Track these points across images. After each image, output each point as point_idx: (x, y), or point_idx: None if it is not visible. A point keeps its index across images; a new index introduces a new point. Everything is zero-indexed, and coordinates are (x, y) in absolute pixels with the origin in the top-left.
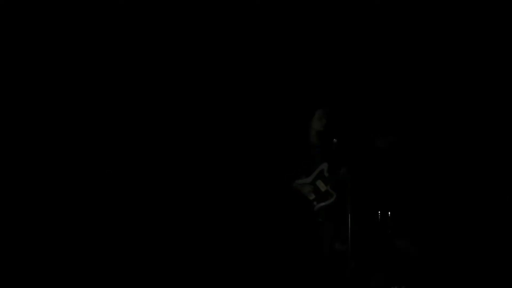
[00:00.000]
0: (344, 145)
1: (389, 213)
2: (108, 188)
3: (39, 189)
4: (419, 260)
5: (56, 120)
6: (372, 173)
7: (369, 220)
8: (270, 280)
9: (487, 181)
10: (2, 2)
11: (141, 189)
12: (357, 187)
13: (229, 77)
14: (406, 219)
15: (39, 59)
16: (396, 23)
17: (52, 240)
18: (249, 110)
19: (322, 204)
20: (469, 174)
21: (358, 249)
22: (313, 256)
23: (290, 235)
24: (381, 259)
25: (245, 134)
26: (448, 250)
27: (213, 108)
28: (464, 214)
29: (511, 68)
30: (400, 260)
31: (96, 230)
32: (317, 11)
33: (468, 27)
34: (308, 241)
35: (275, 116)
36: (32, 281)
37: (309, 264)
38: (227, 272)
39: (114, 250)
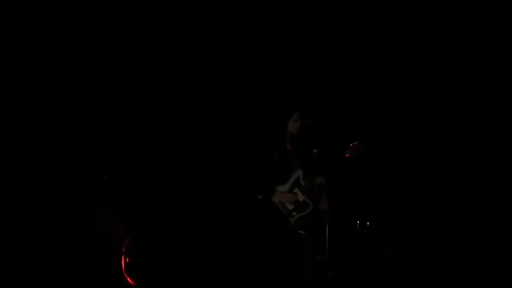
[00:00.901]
0: (321, 153)
1: (368, 223)
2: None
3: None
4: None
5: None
6: (346, 182)
7: (348, 229)
8: None
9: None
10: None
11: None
12: (334, 196)
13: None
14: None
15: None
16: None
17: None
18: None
19: (300, 214)
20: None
21: (337, 259)
22: (291, 267)
23: (267, 246)
24: (360, 267)
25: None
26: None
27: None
28: (444, 216)
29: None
30: (382, 265)
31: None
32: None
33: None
34: (287, 252)
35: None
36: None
37: (288, 275)
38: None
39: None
